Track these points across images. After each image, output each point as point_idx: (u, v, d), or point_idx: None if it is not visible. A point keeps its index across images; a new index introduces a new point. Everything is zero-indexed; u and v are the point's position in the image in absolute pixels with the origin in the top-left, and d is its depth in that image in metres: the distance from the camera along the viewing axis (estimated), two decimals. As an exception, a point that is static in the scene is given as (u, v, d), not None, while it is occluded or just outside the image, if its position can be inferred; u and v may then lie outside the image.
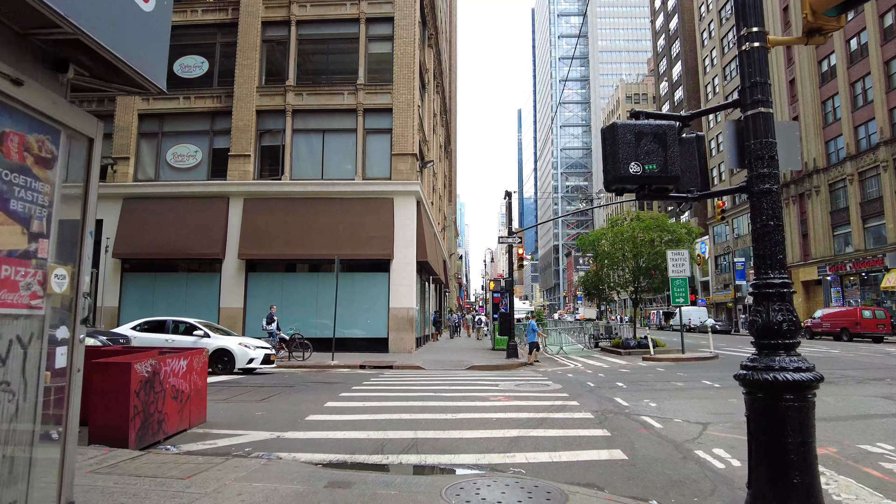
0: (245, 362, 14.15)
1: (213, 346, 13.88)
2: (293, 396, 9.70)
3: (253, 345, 14.61)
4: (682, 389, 10.38)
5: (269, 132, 23.13)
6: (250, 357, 14.25)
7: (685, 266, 18.78)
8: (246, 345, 14.37)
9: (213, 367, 13.74)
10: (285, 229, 21.54)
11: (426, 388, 10.89)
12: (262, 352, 14.56)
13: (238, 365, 13.97)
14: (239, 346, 14.11)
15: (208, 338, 14.17)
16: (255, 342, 15.08)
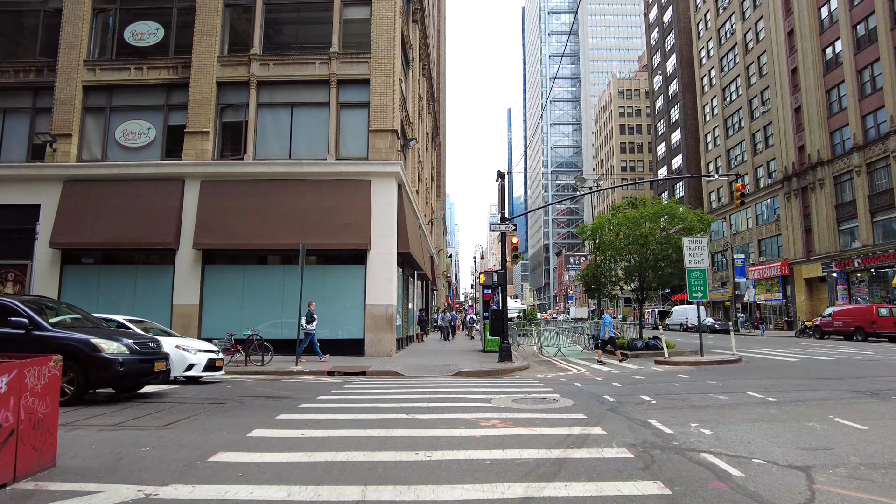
0: (183, 369, 11.63)
1: None
2: (214, 419, 7.15)
3: (194, 347, 12.07)
4: (732, 406, 7.96)
5: (230, 107, 20.49)
6: (189, 363, 11.74)
7: (703, 256, 16.44)
8: (185, 348, 11.83)
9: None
10: (247, 216, 18.95)
11: (399, 404, 8.41)
12: (204, 356, 12.05)
13: (175, 373, 11.41)
14: (175, 350, 11.53)
15: None
16: (198, 344, 12.54)
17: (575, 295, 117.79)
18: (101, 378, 8.37)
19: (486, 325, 21.56)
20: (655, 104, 78.59)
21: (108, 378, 8.43)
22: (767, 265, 48.80)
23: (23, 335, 8.28)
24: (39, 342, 8.23)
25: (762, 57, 50.62)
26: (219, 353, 12.65)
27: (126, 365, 8.53)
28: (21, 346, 8.19)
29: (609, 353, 20.73)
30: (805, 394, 9.04)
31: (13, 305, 8.64)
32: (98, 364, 8.30)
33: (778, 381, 10.98)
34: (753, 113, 51.96)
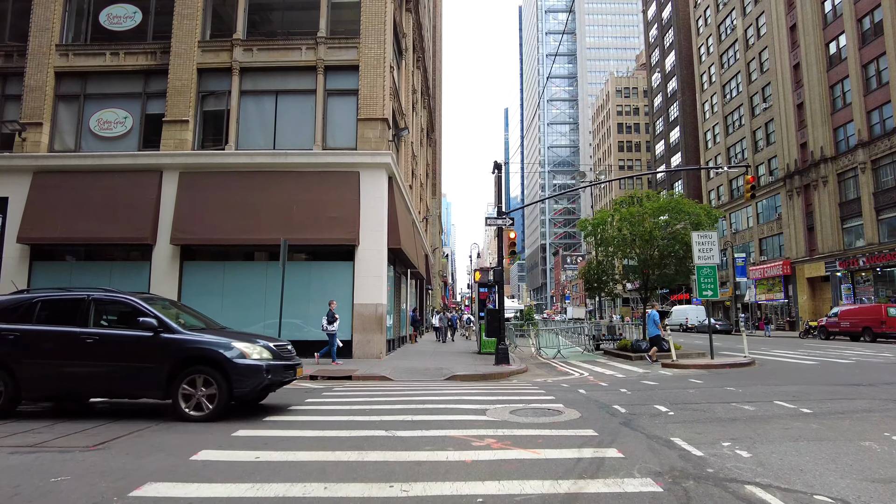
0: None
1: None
2: (158, 436, 6.07)
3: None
4: (763, 419, 6.91)
5: (212, 94, 19.37)
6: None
7: (713, 252, 15.40)
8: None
9: None
10: (229, 209, 17.85)
11: (380, 416, 7.34)
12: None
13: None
14: None
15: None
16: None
17: (572, 295, 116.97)
18: (245, 388, 7.18)
19: (481, 325, 20.49)
20: (654, 102, 77.66)
21: (254, 388, 7.28)
22: (769, 264, 47.88)
23: (149, 338, 7.17)
24: (170, 347, 7.16)
25: (763, 53, 49.73)
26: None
27: (272, 372, 7.40)
28: (147, 352, 7.14)
29: (612, 356, 19.67)
30: (842, 404, 8.01)
31: (138, 304, 7.49)
32: (243, 372, 7.12)
33: (804, 387, 9.95)
34: (754, 110, 51.05)
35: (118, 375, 7.15)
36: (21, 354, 7.19)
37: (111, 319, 7.79)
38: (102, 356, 7.16)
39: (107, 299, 7.74)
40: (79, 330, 7.26)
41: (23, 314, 7.46)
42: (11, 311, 7.50)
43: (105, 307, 7.74)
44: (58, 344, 7.26)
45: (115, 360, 7.18)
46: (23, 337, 7.28)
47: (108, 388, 7.33)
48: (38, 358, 7.21)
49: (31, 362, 7.18)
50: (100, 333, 7.29)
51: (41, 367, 7.18)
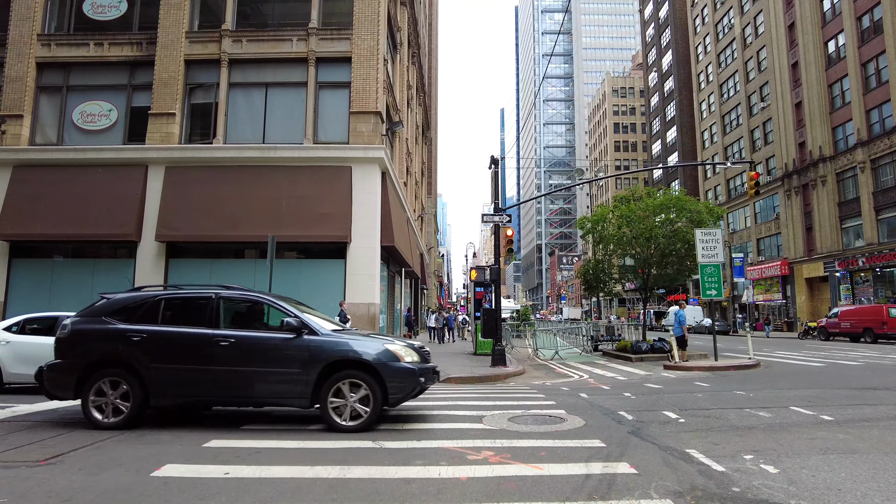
0: None
1: None
2: (121, 448, 5.49)
3: None
4: (783, 428, 6.38)
5: (200, 87, 18.77)
6: None
7: (718, 250, 14.89)
8: None
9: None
10: (216, 205, 17.26)
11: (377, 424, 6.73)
12: None
13: None
14: None
15: None
16: None
17: (568, 295, 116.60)
18: (401, 393, 6.58)
19: (477, 325, 19.94)
20: (651, 102, 77.30)
21: (408, 393, 6.66)
22: (767, 265, 47.53)
23: (293, 341, 6.53)
24: (317, 350, 6.50)
25: (761, 52, 49.37)
26: None
27: (424, 375, 6.79)
28: (291, 355, 6.48)
29: (611, 357, 19.17)
30: (864, 410, 7.50)
31: (274, 303, 6.90)
32: (399, 376, 6.53)
33: (818, 391, 9.44)
34: (752, 109, 50.69)
35: (258, 382, 6.48)
36: (149, 358, 6.52)
37: (242, 320, 7.15)
38: (240, 360, 6.51)
39: (238, 298, 7.15)
40: (213, 332, 6.60)
41: (146, 314, 6.79)
42: (133, 311, 6.81)
43: (235, 306, 7.14)
44: (189, 347, 6.59)
45: (254, 364, 6.51)
46: (151, 339, 6.60)
47: (244, 395, 6.59)
48: (167, 362, 6.54)
49: (160, 366, 6.51)
50: (236, 335, 6.60)
51: (171, 371, 6.53)
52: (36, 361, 9.71)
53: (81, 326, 6.76)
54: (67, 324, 6.82)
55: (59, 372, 6.61)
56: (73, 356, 6.62)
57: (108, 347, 6.60)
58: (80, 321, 6.84)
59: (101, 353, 6.59)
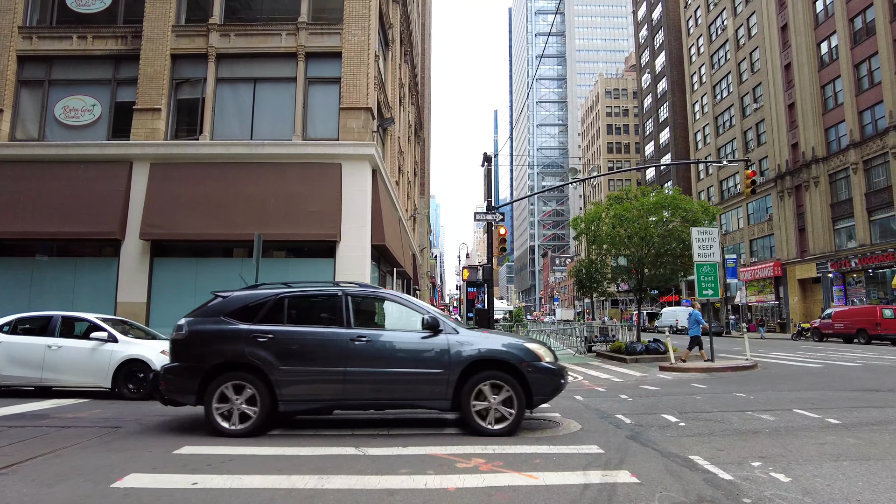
0: None
1: (122, 355, 9.26)
2: (82, 456, 5.11)
3: None
4: (789, 432, 6.08)
5: (186, 82, 18.33)
6: None
7: (714, 248, 14.64)
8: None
9: (123, 388, 9.15)
10: (202, 202, 16.82)
11: (352, 430, 6.48)
12: None
13: None
14: (162, 357, 9.28)
15: (114, 342, 9.40)
16: None
17: (561, 297, 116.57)
18: (544, 394, 6.32)
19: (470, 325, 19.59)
20: (644, 103, 77.37)
21: (550, 394, 6.40)
22: (759, 266, 47.51)
23: (430, 340, 6.24)
24: (456, 350, 6.19)
25: (754, 53, 49.42)
26: None
27: (563, 376, 6.54)
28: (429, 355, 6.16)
29: (605, 358, 18.88)
30: (870, 413, 7.21)
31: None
32: (543, 376, 6.25)
33: (819, 393, 9.16)
34: (745, 110, 50.72)
35: (397, 383, 6.15)
36: (278, 360, 6.11)
37: (364, 317, 6.83)
38: (377, 361, 6.19)
39: (366, 295, 6.88)
40: (346, 331, 6.24)
41: (269, 313, 6.36)
42: (255, 310, 6.37)
43: (359, 304, 6.76)
44: (321, 347, 6.21)
45: (393, 365, 6.19)
46: (280, 340, 6.19)
47: (381, 397, 6.23)
48: (298, 364, 6.16)
49: (290, 369, 6.11)
50: (372, 335, 6.28)
51: (302, 374, 6.13)
52: (29, 363, 9.27)
53: (200, 327, 6.30)
54: (183, 324, 6.38)
55: (179, 376, 6.16)
56: (194, 359, 6.17)
57: (232, 349, 6.15)
58: (197, 321, 6.38)
59: (224, 356, 6.13)
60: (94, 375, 9.18)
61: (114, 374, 9.10)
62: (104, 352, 9.22)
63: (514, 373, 6.15)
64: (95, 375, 9.17)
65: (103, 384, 9.14)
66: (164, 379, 6.20)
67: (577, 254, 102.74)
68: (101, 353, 9.20)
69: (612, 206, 19.07)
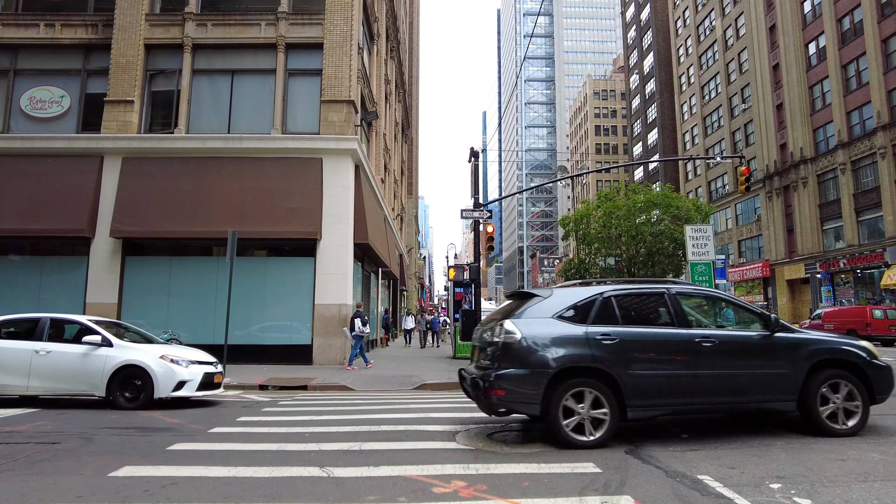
0: (171, 388, 8.54)
1: (118, 360, 8.44)
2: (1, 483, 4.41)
3: (185, 358, 8.92)
4: (803, 444, 5.56)
5: (161, 73, 17.58)
6: (180, 379, 8.62)
7: (709, 247, 14.17)
8: (173, 359, 8.74)
9: (116, 395, 8.39)
10: (177, 199, 16.10)
11: (320, 444, 5.82)
12: (199, 370, 8.93)
13: (160, 392, 8.44)
14: (160, 363, 8.58)
15: (109, 347, 8.59)
16: (191, 354, 9.28)
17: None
18: (884, 393, 6.18)
19: (456, 328, 18.98)
20: (632, 104, 77.29)
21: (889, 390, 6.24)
22: (748, 266, 47.38)
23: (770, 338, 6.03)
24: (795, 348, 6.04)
25: (742, 53, 49.34)
26: (217, 366, 9.55)
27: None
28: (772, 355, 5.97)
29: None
30: (885, 421, 6.70)
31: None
32: (880, 374, 6.14)
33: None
34: (733, 111, 50.63)
35: (743, 384, 5.87)
36: (626, 364, 5.63)
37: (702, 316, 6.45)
38: (723, 362, 5.86)
39: (696, 293, 6.66)
40: (690, 332, 5.89)
41: (601, 313, 5.83)
42: (585, 310, 5.83)
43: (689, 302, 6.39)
44: (668, 349, 5.80)
45: (742, 366, 5.91)
46: (626, 342, 5.71)
47: (730, 400, 5.89)
48: (646, 368, 5.69)
49: (639, 373, 5.62)
50: (718, 335, 5.95)
51: (651, 379, 5.64)
52: (13, 370, 8.45)
53: (537, 330, 5.66)
54: (513, 327, 5.70)
55: (520, 384, 5.51)
56: (535, 365, 5.52)
57: (577, 353, 5.56)
58: (527, 323, 5.73)
59: (569, 360, 5.54)
60: (86, 383, 8.38)
61: (108, 381, 8.34)
62: (97, 357, 8.44)
63: (859, 372, 6.05)
64: (88, 383, 8.37)
65: (96, 392, 8.37)
66: (498, 387, 5.52)
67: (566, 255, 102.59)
68: (94, 359, 8.42)
69: (602, 203, 18.55)
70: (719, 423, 6.77)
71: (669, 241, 16.74)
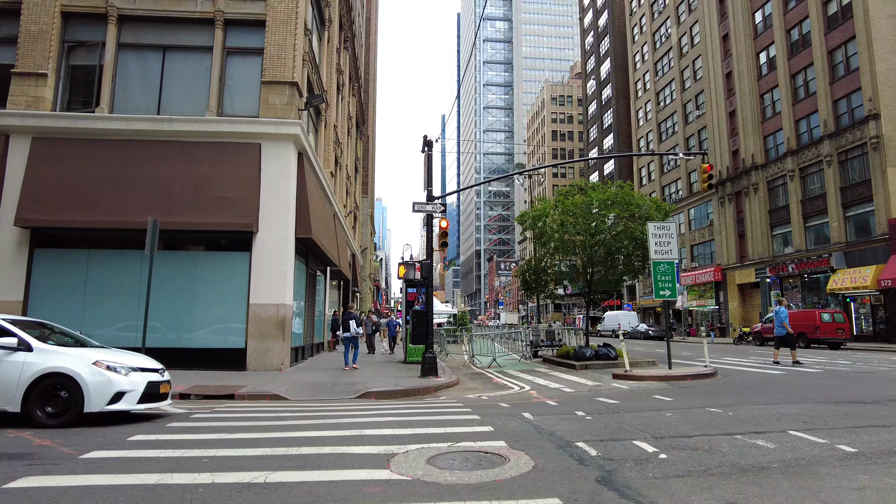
0: (106, 400, 7.03)
1: (38, 368, 6.87)
2: None
3: (125, 365, 7.40)
4: (801, 466, 4.70)
5: (81, 45, 15.78)
6: (118, 390, 7.12)
7: (672, 246, 13.51)
8: (111, 366, 7.21)
9: (36, 412, 6.79)
10: (96, 185, 14.40)
11: (220, 473, 4.67)
12: (141, 378, 7.44)
13: (92, 406, 6.91)
14: (94, 370, 7.03)
15: (27, 351, 6.99)
16: (132, 359, 7.75)
17: (505, 301, 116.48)
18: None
19: (407, 330, 17.83)
20: (588, 110, 77.96)
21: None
22: (700, 270, 48.02)
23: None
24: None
25: (697, 61, 50.12)
26: (165, 373, 8.03)
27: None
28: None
29: (553, 364, 17.52)
30: (881, 435, 5.94)
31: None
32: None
33: (804, 407, 7.93)
34: (688, 117, 51.37)
35: None
36: None
37: None
38: None
39: None
40: None
41: None
42: None
43: None
44: None
45: None
46: None
47: None
48: None
49: None
50: None
51: None
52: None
53: None
54: None
55: None
56: None
57: None
58: None
59: None
60: None
61: (25, 393, 6.78)
62: (12, 364, 6.80)
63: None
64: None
65: (9, 407, 6.73)
66: None
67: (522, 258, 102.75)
68: (7, 366, 6.77)
69: (560, 200, 17.79)
70: (689, 436, 5.88)
71: (629, 241, 16.06)
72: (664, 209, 17.30)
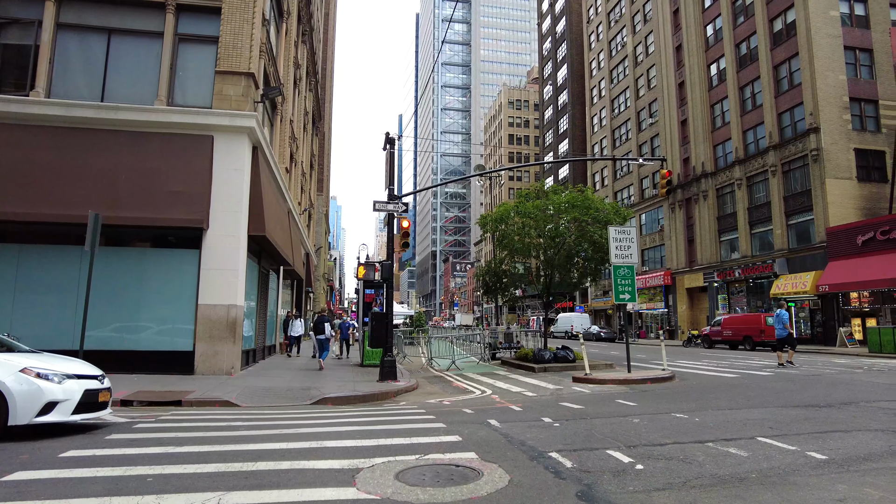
0: (36, 412, 6.27)
1: None
2: None
3: (58, 371, 6.64)
4: (779, 476, 4.62)
5: (14, 23, 14.68)
6: (50, 399, 6.37)
7: (632, 250, 13.61)
8: (41, 373, 6.44)
9: None
10: (31, 175, 13.37)
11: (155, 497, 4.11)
12: (77, 386, 6.70)
13: (18, 418, 6.15)
14: (20, 378, 6.26)
15: None
16: (65, 365, 6.98)
17: (461, 302, 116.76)
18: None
19: (365, 332, 17.38)
20: (545, 115, 78.95)
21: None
22: (651, 274, 49.24)
23: None
24: None
25: (651, 70, 51.43)
26: (104, 380, 7.26)
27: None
28: None
29: (512, 367, 17.42)
30: (845, 440, 5.99)
31: None
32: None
33: (766, 412, 8.01)
34: (641, 125, 52.64)
35: None
36: None
37: None
38: None
39: None
40: None
41: None
42: None
43: None
44: None
45: None
46: None
47: None
48: None
49: None
50: None
51: None
52: None
53: None
54: None
55: None
56: None
57: None
58: None
59: None
60: None
61: None
62: None
63: None
64: None
65: None
66: None
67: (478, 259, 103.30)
68: None
69: (521, 203, 17.73)
70: (661, 444, 5.78)
71: (589, 244, 16.14)
72: (623, 214, 17.49)
